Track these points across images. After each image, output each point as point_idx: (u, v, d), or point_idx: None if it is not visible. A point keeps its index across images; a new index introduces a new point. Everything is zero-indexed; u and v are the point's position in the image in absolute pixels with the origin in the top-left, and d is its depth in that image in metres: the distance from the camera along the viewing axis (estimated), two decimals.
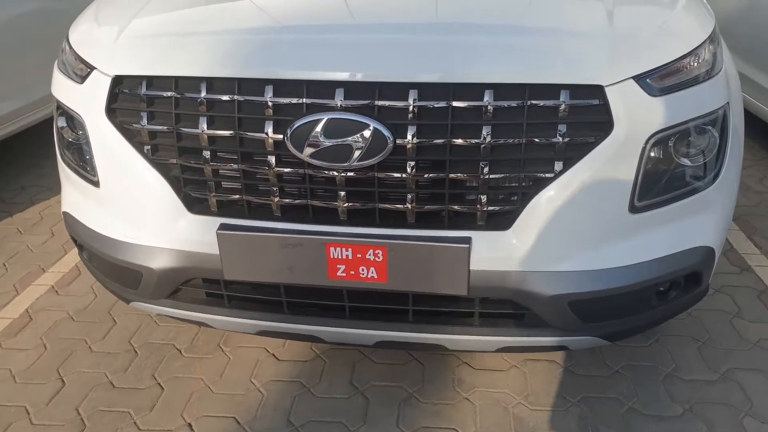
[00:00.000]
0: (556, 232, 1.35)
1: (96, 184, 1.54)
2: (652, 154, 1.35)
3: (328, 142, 1.31)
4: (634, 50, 1.32)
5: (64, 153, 1.66)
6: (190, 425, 1.79)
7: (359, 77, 1.29)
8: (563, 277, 1.37)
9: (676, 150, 1.38)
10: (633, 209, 1.37)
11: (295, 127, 1.31)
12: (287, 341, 2.11)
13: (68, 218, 1.70)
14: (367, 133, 1.29)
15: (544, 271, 1.37)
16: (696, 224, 1.47)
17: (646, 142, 1.31)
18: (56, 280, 2.51)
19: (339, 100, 1.30)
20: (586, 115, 1.29)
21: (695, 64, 1.38)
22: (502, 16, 1.42)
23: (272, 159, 1.37)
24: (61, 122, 1.62)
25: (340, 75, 1.30)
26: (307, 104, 1.32)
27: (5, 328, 2.24)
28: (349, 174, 1.34)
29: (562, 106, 1.27)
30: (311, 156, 1.32)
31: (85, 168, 1.57)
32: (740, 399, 1.84)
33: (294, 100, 1.32)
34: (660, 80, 1.32)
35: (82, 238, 1.64)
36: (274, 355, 2.06)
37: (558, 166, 1.31)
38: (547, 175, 1.32)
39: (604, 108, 1.28)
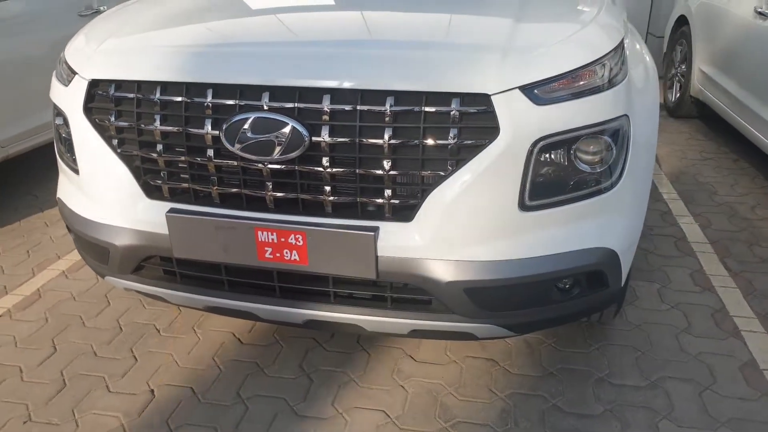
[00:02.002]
0: (451, 225, 1.50)
1: (77, 171, 1.81)
2: (543, 158, 1.50)
3: (254, 138, 1.52)
4: (524, 62, 1.48)
5: (59, 146, 1.94)
6: (152, 391, 2.01)
7: (280, 82, 1.51)
8: (458, 266, 1.53)
9: (571, 155, 1.53)
10: (523, 207, 1.51)
11: (228, 124, 1.54)
12: (253, 326, 2.31)
13: (60, 203, 1.97)
14: (286, 131, 1.50)
15: (441, 259, 1.53)
16: (594, 226, 1.59)
17: (532, 147, 1.46)
18: (68, 266, 2.82)
19: (264, 101, 1.52)
20: (475, 121, 1.46)
21: (588, 77, 1.52)
22: (410, 31, 1.61)
23: (210, 152, 1.59)
24: (57, 120, 1.90)
25: (265, 80, 1.52)
26: (240, 105, 1.54)
27: (18, 302, 2.54)
28: (274, 167, 1.55)
29: (453, 112, 1.45)
30: (241, 149, 1.54)
31: (71, 158, 1.84)
32: (663, 404, 1.91)
33: (228, 102, 1.55)
34: (548, 91, 1.48)
35: (67, 219, 1.90)
36: (239, 339, 2.26)
37: (451, 165, 1.48)
38: (442, 173, 1.48)
39: (491, 115, 1.44)
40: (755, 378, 2.01)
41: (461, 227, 1.51)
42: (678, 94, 4.91)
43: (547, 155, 1.50)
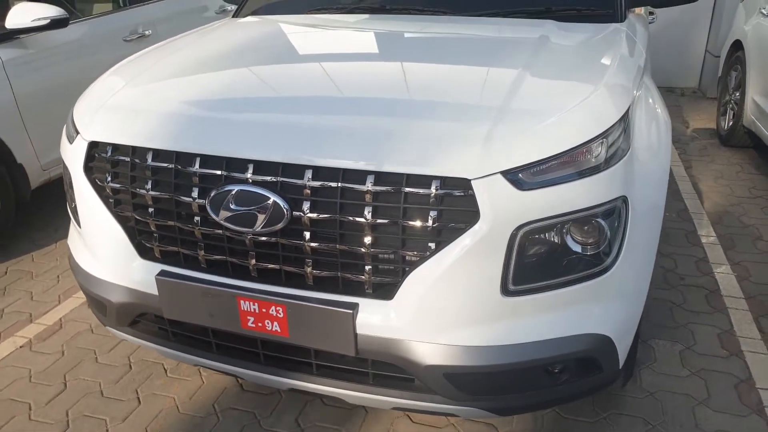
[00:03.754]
0: (431, 306, 1.45)
1: (79, 225, 1.86)
2: (527, 242, 1.42)
3: (238, 209, 1.52)
4: (508, 145, 1.41)
5: (68, 198, 2.00)
6: None
7: (263, 157, 1.50)
8: (438, 349, 1.47)
9: (559, 238, 1.45)
10: (506, 292, 1.44)
11: (213, 194, 1.54)
12: None
13: (68, 250, 2.03)
14: (268, 204, 1.49)
15: (421, 341, 1.48)
16: (585, 311, 1.51)
17: (515, 232, 1.39)
18: None
19: (248, 174, 1.51)
20: (455, 204, 1.40)
21: (581, 158, 1.44)
22: (395, 106, 1.56)
23: (197, 219, 1.60)
24: (65, 174, 1.96)
25: (249, 154, 1.51)
26: (225, 176, 1.54)
27: (40, 332, 2.64)
28: (257, 238, 1.54)
29: (433, 195, 1.40)
30: (225, 220, 1.54)
31: (75, 212, 1.90)
32: None
33: (215, 171, 1.55)
34: (534, 174, 1.40)
35: (72, 269, 1.96)
36: (241, 385, 2.28)
37: (431, 246, 1.43)
38: (422, 253, 1.44)
39: (471, 199, 1.38)
40: None
41: (441, 309, 1.46)
42: (731, 122, 4.64)
43: (533, 239, 1.43)
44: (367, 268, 1.49)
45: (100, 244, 1.79)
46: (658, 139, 1.77)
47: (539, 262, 1.45)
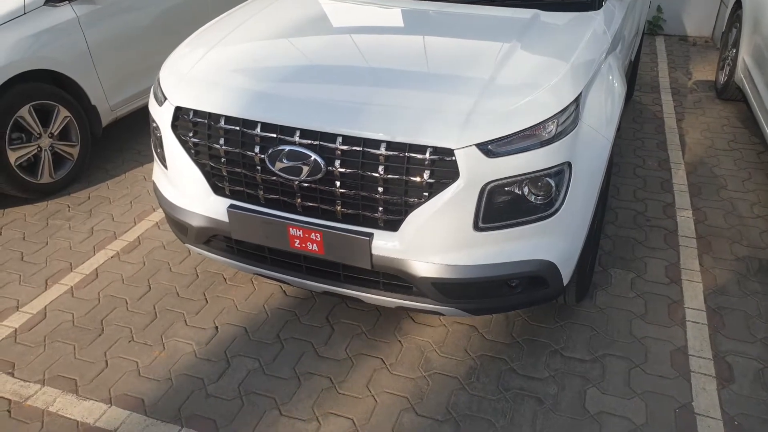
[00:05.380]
0: (424, 236, 2.06)
1: (166, 167, 2.48)
2: (493, 194, 2.00)
3: (288, 163, 2.12)
4: (481, 124, 1.96)
5: (154, 143, 2.61)
6: (216, 327, 2.75)
7: (307, 126, 2.08)
8: (428, 266, 2.09)
9: (517, 190, 2.02)
10: (477, 228, 2.04)
11: (270, 151, 2.13)
12: None
13: (154, 185, 2.67)
14: (310, 161, 2.08)
15: (417, 260, 2.10)
16: (536, 243, 2.11)
17: (484, 186, 1.98)
18: (160, 218, 3.58)
19: (296, 138, 2.10)
20: (442, 166, 1.98)
21: (537, 133, 1.99)
22: (405, 87, 2.11)
23: (258, 168, 2.20)
24: (153, 124, 2.56)
25: (296, 123, 2.09)
26: (279, 138, 2.13)
27: (124, 246, 3.34)
28: (302, 184, 2.15)
29: (428, 159, 1.97)
30: (279, 170, 2.14)
31: (162, 156, 2.51)
32: (597, 375, 2.44)
33: (271, 135, 2.14)
34: (500, 145, 1.97)
35: (159, 200, 2.60)
36: (284, 292, 2.95)
37: (425, 195, 2.02)
38: (418, 200, 2.03)
39: (454, 163, 1.96)
40: (680, 361, 2.50)
41: (431, 238, 2.06)
42: (725, 77, 5.02)
43: (497, 192, 2.01)
44: (380, 208, 2.09)
45: (183, 182, 2.41)
46: (609, 114, 2.29)
47: (502, 207, 2.04)
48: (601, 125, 2.23)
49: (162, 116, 2.40)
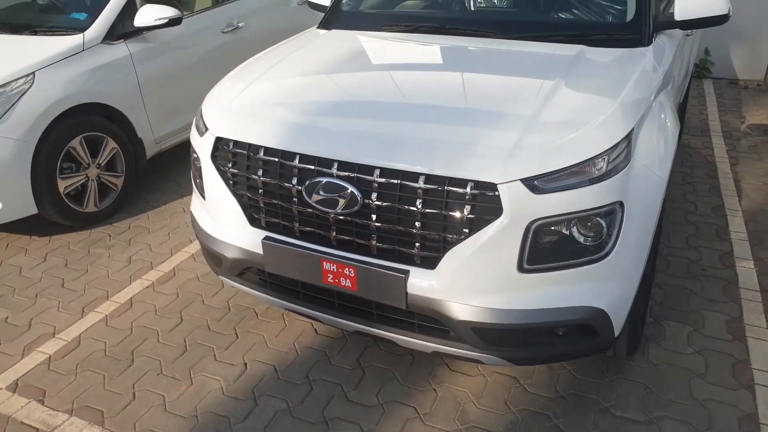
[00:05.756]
0: (464, 277, 1.94)
1: (204, 198, 2.45)
2: (539, 233, 1.88)
3: (325, 195, 2.05)
4: (527, 158, 1.86)
5: (193, 173, 2.60)
6: (245, 364, 2.66)
7: (344, 158, 2.01)
8: (468, 309, 1.96)
9: (565, 230, 1.89)
10: (522, 270, 1.91)
11: (307, 183, 2.07)
12: None
13: (191, 216, 2.65)
14: (347, 193, 2.01)
15: (455, 301, 1.97)
16: (585, 288, 1.96)
17: (529, 225, 1.85)
18: (196, 250, 3.56)
19: (334, 170, 2.04)
20: (484, 201, 1.87)
21: (586, 169, 1.87)
22: (445, 120, 2.04)
23: (295, 200, 2.14)
24: (193, 155, 2.56)
25: (334, 155, 2.03)
26: (317, 170, 2.07)
27: (159, 277, 3.32)
28: (337, 216, 2.07)
29: (468, 193, 1.87)
30: (316, 202, 2.07)
31: (201, 187, 2.49)
32: None
33: (309, 167, 2.08)
34: (547, 182, 1.85)
35: (195, 230, 2.57)
36: (315, 330, 2.85)
37: (465, 231, 1.91)
38: (458, 236, 1.92)
39: (497, 198, 1.85)
40: (750, 431, 2.26)
41: (471, 279, 1.94)
42: None
43: (543, 231, 1.88)
44: (417, 244, 1.99)
45: (220, 213, 2.37)
46: (663, 153, 2.15)
47: (548, 248, 1.91)
48: (655, 164, 2.09)
49: (202, 147, 2.39)
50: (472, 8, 3.26)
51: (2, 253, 3.60)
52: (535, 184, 1.85)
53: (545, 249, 1.91)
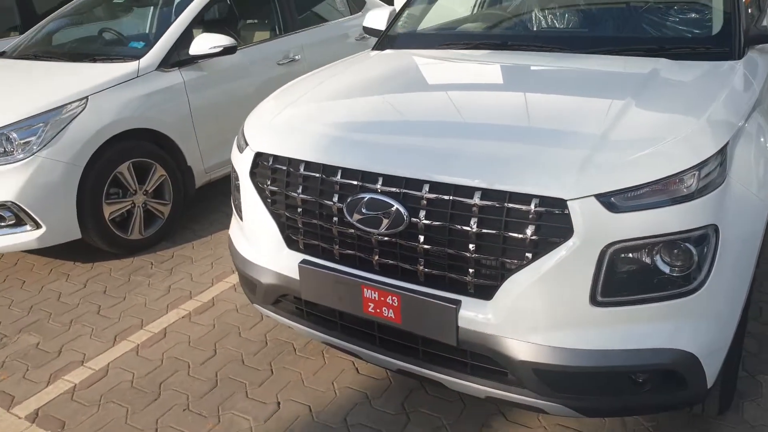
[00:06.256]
0: (526, 309, 1.67)
1: (241, 218, 2.29)
2: (616, 260, 1.60)
3: (368, 213, 1.84)
4: (603, 171, 1.60)
5: (233, 197, 2.45)
6: (278, 403, 2.42)
7: (391, 172, 1.81)
8: (530, 347, 1.68)
9: (648, 257, 1.61)
10: (595, 302, 1.62)
11: (349, 200, 1.87)
12: None
13: (229, 239, 2.48)
14: (392, 211, 1.80)
15: (515, 338, 1.70)
16: (671, 327, 1.64)
17: (605, 249, 1.58)
18: (237, 281, 3.40)
19: (378, 185, 1.83)
20: (551, 221, 1.61)
21: (673, 186, 1.59)
22: (504, 129, 1.81)
23: (335, 219, 1.94)
24: (233, 174, 2.41)
25: (379, 169, 1.83)
26: (360, 186, 1.87)
27: (197, 307, 3.16)
28: (381, 238, 1.85)
29: (532, 211, 1.62)
30: (357, 221, 1.86)
31: (238, 207, 2.33)
32: None
33: (352, 182, 1.89)
34: (626, 199, 1.58)
35: (232, 255, 2.40)
36: (357, 369, 2.60)
37: (528, 256, 1.65)
38: (519, 261, 1.66)
39: (566, 217, 1.59)
40: None
41: (534, 312, 1.67)
42: None
43: (622, 257, 1.60)
44: (471, 270, 1.74)
45: (256, 234, 2.20)
46: (763, 175, 1.85)
47: (627, 278, 1.62)
48: (754, 185, 1.78)
49: (242, 163, 2.24)
50: (539, 25, 3.04)
51: (44, 278, 3.54)
52: (612, 201, 1.58)
53: (623, 278, 1.62)
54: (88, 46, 4.27)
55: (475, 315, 1.74)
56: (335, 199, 1.92)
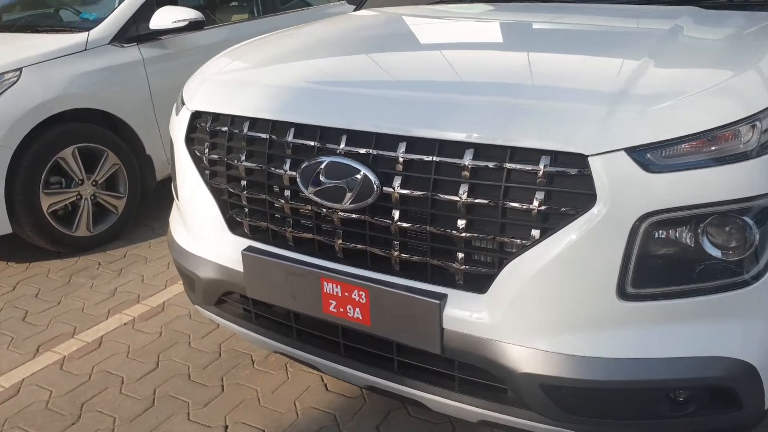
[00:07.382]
0: (531, 304, 1.26)
1: (177, 196, 1.87)
2: (654, 237, 1.19)
3: (327, 182, 1.43)
4: (637, 117, 1.20)
5: (172, 174, 2.03)
6: (225, 427, 1.99)
7: (357, 126, 1.40)
8: (536, 356, 1.27)
9: (694, 235, 1.20)
10: (624, 295, 1.21)
11: (303, 166, 1.46)
12: None
13: (168, 228, 2.06)
14: (358, 178, 1.38)
15: (516, 344, 1.28)
16: (724, 329, 1.24)
17: (639, 222, 1.17)
18: None
19: (341, 145, 1.42)
20: (567, 185, 1.20)
21: (728, 140, 1.20)
22: (504, 73, 1.41)
23: (287, 193, 1.53)
24: (171, 149, 1.99)
25: (343, 123, 1.42)
26: (318, 147, 1.46)
27: (143, 312, 2.72)
28: (344, 215, 1.44)
29: (541, 173, 1.21)
30: (314, 194, 1.45)
31: (176, 186, 1.91)
32: None
33: (308, 142, 1.48)
34: (667, 155, 1.18)
35: (168, 244, 1.97)
36: (325, 385, 2.17)
37: (535, 234, 1.24)
38: (523, 241, 1.25)
39: (587, 179, 1.18)
40: None
41: (543, 309, 1.26)
42: None
43: (661, 234, 1.20)
44: (460, 255, 1.33)
45: (193, 216, 1.78)
46: None
47: (666, 262, 1.21)
48: None
49: (176, 128, 1.83)
50: None
51: None
52: (647, 158, 1.18)
53: (661, 263, 1.21)
54: (34, 17, 3.85)
55: (464, 313, 1.33)
56: (286, 166, 1.51)
